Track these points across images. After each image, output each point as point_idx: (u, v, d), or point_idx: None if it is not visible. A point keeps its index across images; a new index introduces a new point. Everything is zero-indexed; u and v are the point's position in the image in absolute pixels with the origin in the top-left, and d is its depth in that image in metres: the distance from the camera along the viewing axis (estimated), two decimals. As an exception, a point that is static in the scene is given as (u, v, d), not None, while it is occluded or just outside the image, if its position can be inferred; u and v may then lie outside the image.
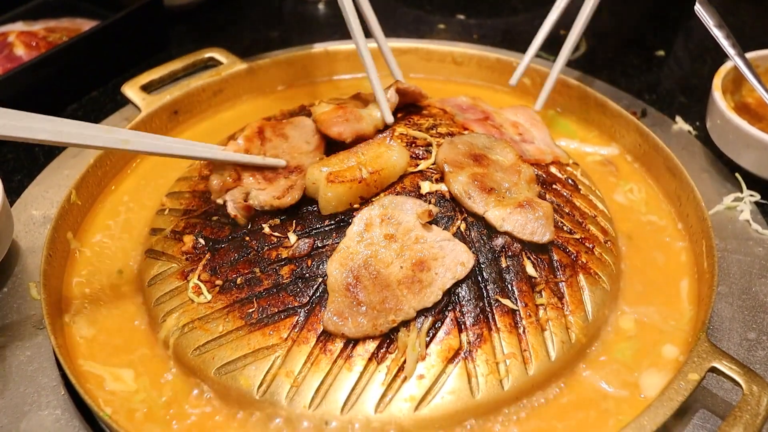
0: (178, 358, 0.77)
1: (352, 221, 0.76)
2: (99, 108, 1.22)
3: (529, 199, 0.80)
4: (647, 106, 1.15)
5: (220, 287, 0.78)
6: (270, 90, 1.22)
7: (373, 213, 0.75)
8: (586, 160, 1.06)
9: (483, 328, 0.74)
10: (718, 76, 1.05)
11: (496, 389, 0.72)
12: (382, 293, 0.72)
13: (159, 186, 1.00)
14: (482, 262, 0.77)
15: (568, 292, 0.79)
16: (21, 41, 1.24)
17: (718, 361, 0.71)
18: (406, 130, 0.91)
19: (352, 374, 0.72)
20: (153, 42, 1.36)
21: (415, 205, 0.77)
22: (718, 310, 0.84)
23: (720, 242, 0.91)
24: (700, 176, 1.01)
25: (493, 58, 1.21)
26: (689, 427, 0.73)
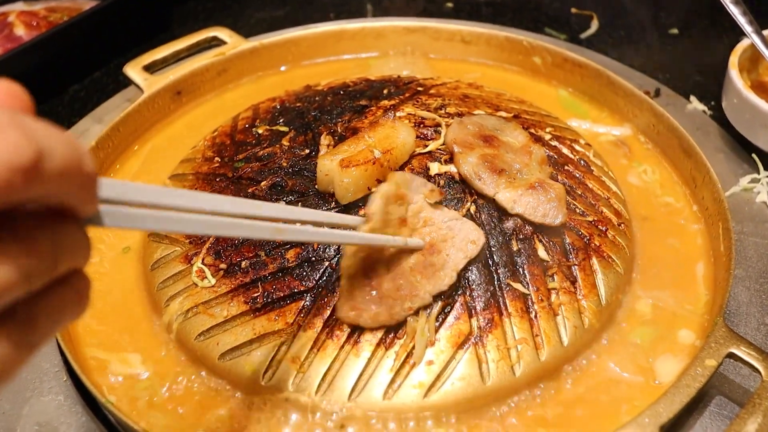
0: (181, 344, 0.76)
1: (370, 198, 0.72)
2: (101, 89, 1.21)
3: (540, 180, 0.78)
4: (661, 86, 1.13)
5: (224, 271, 0.76)
6: (275, 70, 1.20)
7: (390, 190, 0.72)
8: (599, 140, 1.03)
9: (494, 313, 0.72)
10: (735, 54, 1.02)
11: (507, 375, 0.70)
12: (397, 281, 0.70)
13: (162, 168, 0.99)
14: (493, 245, 0.75)
15: (581, 275, 0.77)
16: (21, 21, 1.22)
17: (735, 346, 0.69)
18: (414, 110, 0.89)
19: (359, 360, 0.70)
20: (156, 21, 1.34)
21: (421, 185, 0.74)
22: (735, 294, 0.82)
23: (736, 224, 0.89)
24: (715, 157, 0.99)
25: (502, 36, 1.18)
26: (706, 413, 0.71)
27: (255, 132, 0.92)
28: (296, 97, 0.99)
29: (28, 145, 0.31)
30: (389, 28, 1.21)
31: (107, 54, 1.26)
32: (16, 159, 0.30)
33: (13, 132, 0.31)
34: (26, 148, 0.31)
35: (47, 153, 0.32)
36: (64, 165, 0.33)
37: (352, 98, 0.94)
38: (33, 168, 0.31)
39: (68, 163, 0.33)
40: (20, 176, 0.31)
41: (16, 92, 0.36)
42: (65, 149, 0.33)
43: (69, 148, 0.34)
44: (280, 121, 0.92)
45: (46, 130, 0.33)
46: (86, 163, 0.35)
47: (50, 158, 0.32)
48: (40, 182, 0.32)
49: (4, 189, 0.31)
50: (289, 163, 0.83)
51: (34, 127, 0.32)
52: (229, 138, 0.93)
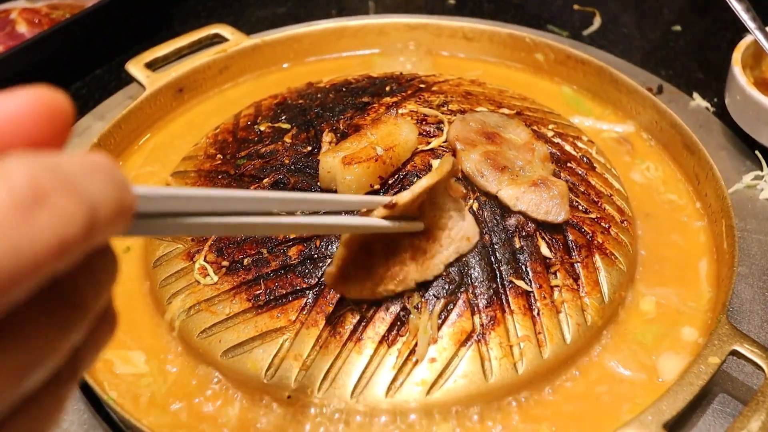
0: (184, 341, 0.76)
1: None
2: (103, 86, 1.21)
3: (543, 177, 0.78)
4: (663, 83, 1.12)
5: (226, 268, 0.76)
6: (276, 67, 1.20)
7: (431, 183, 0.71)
8: (602, 137, 1.03)
9: (496, 311, 0.72)
10: (738, 51, 1.02)
11: (509, 373, 0.70)
12: (389, 260, 0.69)
13: (164, 165, 0.99)
14: (495, 242, 0.75)
15: (584, 273, 0.77)
16: (23, 18, 1.22)
17: (739, 344, 0.69)
18: (417, 107, 0.89)
19: (362, 357, 0.70)
20: (158, 19, 1.34)
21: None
22: (738, 291, 0.82)
23: (740, 222, 0.89)
24: (718, 154, 0.99)
25: (504, 33, 1.18)
26: (709, 411, 0.71)
27: (257, 129, 0.91)
28: (298, 94, 0.99)
29: (79, 211, 0.27)
30: (391, 25, 1.21)
31: (109, 51, 1.26)
32: (66, 231, 0.26)
33: (63, 198, 0.26)
34: (78, 216, 0.27)
35: (97, 208, 0.28)
36: (112, 213, 0.29)
37: (354, 95, 0.94)
38: (88, 234, 0.27)
39: (116, 208, 0.29)
40: (76, 247, 0.27)
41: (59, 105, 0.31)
42: (111, 192, 0.29)
43: (114, 189, 0.29)
44: (282, 118, 0.92)
45: (91, 176, 0.28)
46: (128, 195, 0.31)
47: (100, 212, 0.28)
48: (92, 241, 0.28)
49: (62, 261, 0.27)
50: (292, 161, 0.83)
51: (82, 179, 0.28)
52: (231, 135, 0.93)
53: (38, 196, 0.26)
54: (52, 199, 0.26)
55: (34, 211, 0.26)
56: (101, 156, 0.30)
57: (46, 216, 0.26)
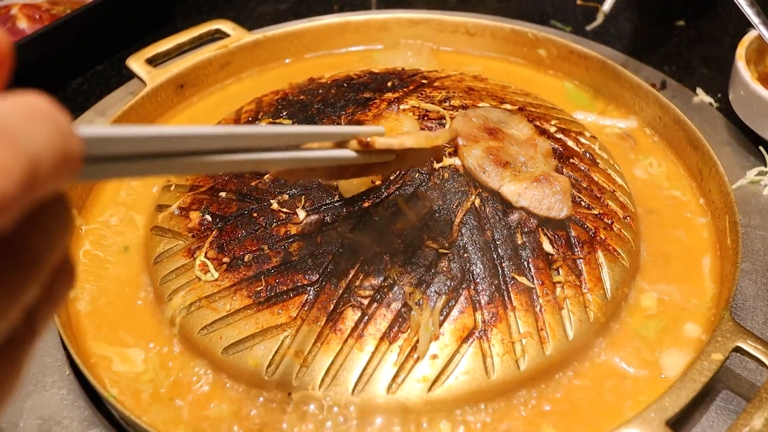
0: (184, 338, 0.76)
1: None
2: (104, 82, 1.20)
3: (545, 173, 0.78)
4: (667, 78, 1.12)
5: (227, 265, 0.76)
6: (278, 62, 1.19)
7: None
8: (604, 133, 1.03)
9: (498, 307, 0.72)
10: (742, 46, 1.01)
11: (511, 369, 0.70)
12: None
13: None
14: (497, 238, 0.75)
15: (586, 269, 0.76)
16: (24, 14, 1.22)
17: (742, 340, 0.69)
18: (419, 102, 0.88)
19: (363, 354, 0.70)
20: (158, 14, 1.33)
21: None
22: (742, 287, 0.82)
23: (743, 217, 0.88)
24: (722, 149, 0.98)
25: (507, 28, 1.17)
26: (712, 408, 0.70)
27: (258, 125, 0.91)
28: (300, 89, 0.98)
29: (17, 164, 0.25)
30: (393, 20, 1.20)
31: (110, 47, 1.25)
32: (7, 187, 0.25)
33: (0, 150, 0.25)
34: (16, 169, 0.25)
35: (38, 159, 0.26)
36: (54, 161, 0.27)
37: (356, 91, 0.94)
38: (25, 187, 0.26)
39: (58, 156, 0.27)
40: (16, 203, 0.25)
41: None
42: (53, 140, 0.27)
43: (56, 136, 0.27)
44: (283, 114, 0.92)
45: (27, 124, 0.26)
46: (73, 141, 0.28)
47: (41, 162, 0.26)
48: (34, 193, 0.26)
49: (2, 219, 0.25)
50: (293, 156, 0.83)
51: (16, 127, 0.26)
52: (232, 131, 0.93)
53: None
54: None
55: None
56: (41, 98, 0.28)
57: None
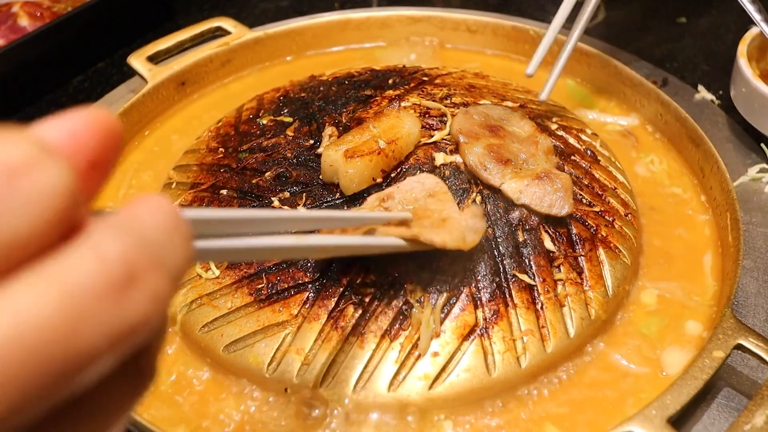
0: (185, 335, 0.76)
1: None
2: (105, 80, 1.20)
3: (546, 170, 0.77)
4: (668, 75, 1.11)
5: (228, 262, 0.76)
6: (279, 60, 1.19)
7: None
8: (606, 130, 1.03)
9: (499, 304, 0.72)
10: (744, 43, 1.01)
11: (513, 367, 0.70)
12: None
13: (166, 159, 0.98)
14: (498, 235, 0.75)
15: (588, 266, 0.76)
16: (25, 12, 1.22)
17: (744, 338, 0.69)
18: (420, 100, 0.88)
19: (364, 352, 0.70)
20: (159, 12, 1.33)
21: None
22: (743, 285, 0.81)
23: (745, 215, 0.88)
24: (723, 147, 0.98)
25: (508, 25, 1.17)
26: (714, 405, 0.70)
27: (259, 122, 0.91)
28: (301, 87, 0.98)
29: (167, 286, 0.26)
30: (394, 18, 1.20)
31: (111, 44, 1.25)
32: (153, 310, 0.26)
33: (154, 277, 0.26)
34: (167, 291, 0.26)
35: (178, 277, 0.28)
36: (184, 270, 0.28)
37: (357, 88, 0.94)
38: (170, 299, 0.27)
39: (187, 264, 0.29)
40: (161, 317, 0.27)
41: (111, 125, 0.29)
42: (186, 251, 0.28)
43: (187, 246, 0.29)
44: (284, 111, 0.92)
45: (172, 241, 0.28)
46: (192, 247, 0.30)
47: (178, 275, 0.28)
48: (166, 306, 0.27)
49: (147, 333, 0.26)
50: (294, 154, 0.83)
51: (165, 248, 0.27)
52: (233, 129, 0.93)
53: (132, 276, 0.25)
54: (144, 277, 0.25)
55: (127, 292, 0.25)
56: (174, 209, 0.29)
57: (138, 296, 0.25)
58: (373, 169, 0.75)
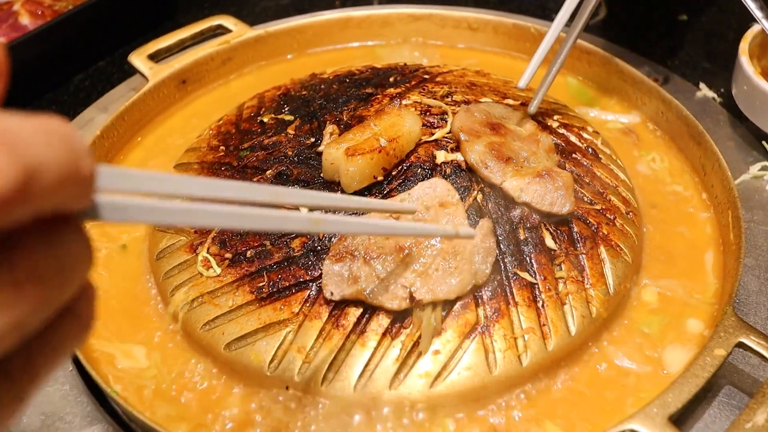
0: (187, 334, 0.76)
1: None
2: (106, 78, 1.20)
3: (548, 168, 0.77)
4: (670, 73, 1.11)
5: (229, 260, 0.76)
6: (280, 58, 1.19)
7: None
8: (607, 128, 1.03)
9: (501, 302, 0.72)
10: (745, 40, 1.01)
11: (514, 365, 0.70)
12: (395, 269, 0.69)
13: (167, 157, 0.98)
14: (499, 234, 0.75)
15: (589, 264, 0.76)
16: (26, 10, 1.22)
17: (745, 335, 0.69)
18: (420, 98, 0.88)
19: (365, 350, 0.70)
20: (160, 10, 1.33)
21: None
22: (745, 283, 0.81)
23: (746, 213, 0.88)
24: (725, 144, 0.98)
25: (510, 23, 1.17)
26: (715, 403, 0.70)
27: (260, 121, 0.91)
28: (302, 85, 0.98)
29: (13, 167, 0.25)
30: (395, 16, 1.20)
31: (112, 43, 1.25)
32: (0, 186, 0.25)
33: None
34: (11, 172, 0.25)
35: (38, 168, 0.26)
36: (58, 176, 0.27)
37: (358, 86, 0.94)
38: (23, 191, 0.26)
39: (63, 171, 0.28)
40: (7, 205, 0.26)
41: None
42: (60, 155, 0.27)
43: (64, 153, 0.28)
44: (285, 109, 0.92)
45: (31, 136, 0.27)
46: (84, 163, 0.29)
47: (42, 173, 0.27)
48: (31, 202, 0.27)
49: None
50: (295, 152, 0.83)
51: (18, 136, 0.26)
52: (234, 127, 0.93)
53: None
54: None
55: None
56: (58, 120, 0.29)
57: None
58: (374, 167, 0.75)
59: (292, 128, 0.87)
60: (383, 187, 0.76)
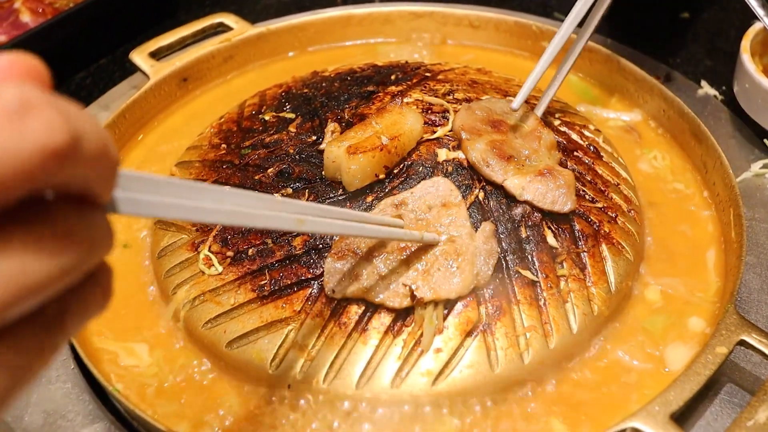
0: (189, 332, 0.76)
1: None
2: (108, 76, 1.20)
3: (549, 167, 0.77)
4: (671, 70, 1.11)
5: (231, 259, 0.76)
6: (281, 56, 1.19)
7: None
8: (609, 125, 1.02)
9: (502, 300, 0.72)
10: (747, 38, 1.01)
11: (515, 363, 0.70)
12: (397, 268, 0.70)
13: (168, 155, 0.99)
14: (501, 232, 0.75)
15: (590, 262, 0.76)
16: (27, 8, 1.22)
17: (747, 333, 0.69)
18: (422, 96, 0.88)
19: (367, 348, 0.70)
20: (161, 8, 1.33)
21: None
22: (746, 281, 0.81)
23: (748, 211, 0.88)
24: (726, 142, 0.98)
25: (511, 21, 1.17)
26: (716, 401, 0.70)
27: (261, 119, 0.91)
28: (303, 83, 0.98)
29: (65, 127, 0.29)
30: (396, 13, 1.20)
31: (113, 41, 1.25)
32: (52, 141, 0.28)
33: (49, 111, 0.29)
34: (63, 130, 0.29)
35: (83, 136, 0.30)
36: (96, 149, 0.31)
37: (360, 84, 0.93)
38: (70, 151, 0.29)
39: (100, 147, 0.31)
40: (56, 159, 0.29)
41: (36, 69, 0.33)
42: (97, 133, 0.31)
43: (100, 133, 0.32)
44: (286, 107, 0.92)
45: (78, 112, 0.31)
46: (112, 148, 0.33)
47: (85, 142, 0.30)
48: (73, 166, 0.30)
49: (39, 172, 0.28)
50: (296, 150, 0.83)
51: (69, 108, 0.30)
52: (235, 125, 0.93)
53: (26, 107, 0.28)
54: (38, 110, 0.29)
55: (21, 119, 0.28)
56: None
57: (32, 124, 0.28)
58: (375, 165, 0.75)
59: (294, 126, 0.87)
60: (385, 185, 0.76)
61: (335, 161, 0.76)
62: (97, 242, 0.34)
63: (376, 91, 0.91)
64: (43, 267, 0.30)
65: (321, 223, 0.57)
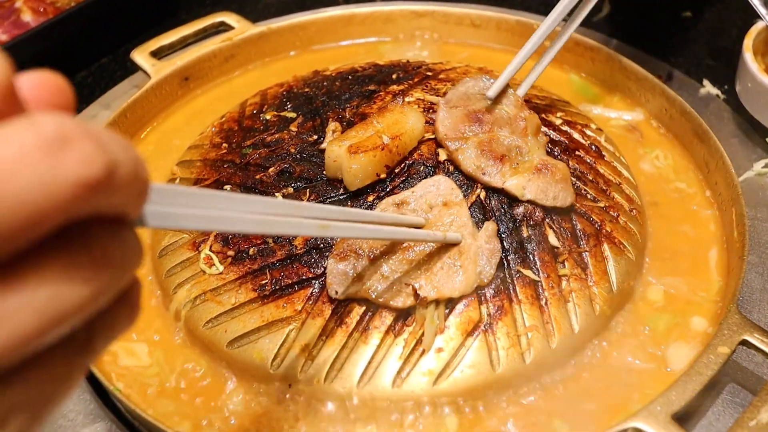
0: (189, 331, 0.76)
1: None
2: (109, 75, 1.20)
3: (543, 161, 0.77)
4: (673, 69, 1.11)
5: (232, 258, 0.76)
6: (283, 55, 1.19)
7: None
8: (610, 125, 1.02)
9: (504, 300, 0.72)
10: (749, 37, 1.00)
11: (517, 363, 0.70)
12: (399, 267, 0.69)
13: (169, 154, 0.98)
14: (503, 231, 0.74)
15: (592, 262, 0.76)
16: (28, 7, 1.21)
17: (749, 333, 0.69)
18: (423, 95, 0.88)
19: (368, 347, 0.70)
20: (163, 7, 1.33)
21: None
22: (748, 280, 0.81)
23: (750, 210, 0.87)
24: (729, 142, 0.97)
25: (512, 20, 1.17)
26: (719, 401, 0.70)
27: (263, 118, 0.91)
28: (304, 82, 0.98)
29: (101, 158, 0.29)
30: (398, 12, 1.20)
31: (114, 40, 1.25)
32: (88, 173, 0.29)
33: (85, 144, 0.29)
34: (99, 161, 0.29)
35: (117, 164, 0.30)
36: (130, 175, 0.31)
37: (361, 83, 0.93)
38: (106, 181, 0.29)
39: (133, 172, 0.32)
40: (92, 191, 0.29)
41: (62, 88, 0.33)
42: (129, 159, 0.31)
43: (133, 157, 0.32)
44: (288, 106, 0.92)
45: (112, 139, 0.31)
46: (144, 170, 0.33)
47: (119, 169, 0.30)
48: (109, 195, 0.30)
49: (76, 203, 0.29)
50: (297, 149, 0.83)
51: (103, 137, 0.30)
52: (236, 124, 0.93)
53: (63, 140, 0.28)
54: (75, 143, 0.29)
55: (59, 152, 0.28)
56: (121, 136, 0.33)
57: (69, 157, 0.28)
58: (376, 165, 0.75)
59: (295, 125, 0.87)
60: (386, 184, 0.76)
61: (336, 160, 0.76)
62: (128, 260, 0.34)
63: (378, 90, 0.91)
64: (74, 293, 0.30)
65: (346, 227, 0.57)
